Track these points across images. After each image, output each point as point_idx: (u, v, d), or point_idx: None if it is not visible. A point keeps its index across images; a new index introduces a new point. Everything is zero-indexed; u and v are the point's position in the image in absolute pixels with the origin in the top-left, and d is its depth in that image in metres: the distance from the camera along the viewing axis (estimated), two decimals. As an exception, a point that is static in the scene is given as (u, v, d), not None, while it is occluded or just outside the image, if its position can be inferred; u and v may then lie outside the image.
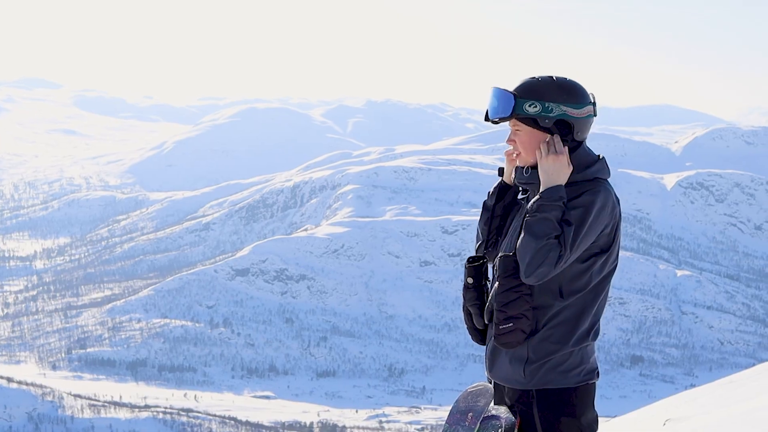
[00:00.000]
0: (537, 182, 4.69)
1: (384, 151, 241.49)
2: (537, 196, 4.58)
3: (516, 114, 4.63)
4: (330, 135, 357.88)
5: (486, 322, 4.83)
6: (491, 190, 4.95)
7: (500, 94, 4.64)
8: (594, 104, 4.71)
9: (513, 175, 4.86)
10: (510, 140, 4.77)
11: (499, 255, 4.68)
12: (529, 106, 4.60)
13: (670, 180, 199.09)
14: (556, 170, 4.59)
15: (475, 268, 4.94)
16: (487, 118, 4.79)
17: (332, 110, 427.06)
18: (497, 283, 4.66)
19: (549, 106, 4.59)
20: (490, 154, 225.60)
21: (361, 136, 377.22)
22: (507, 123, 4.75)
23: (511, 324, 4.59)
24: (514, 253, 4.64)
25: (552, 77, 4.66)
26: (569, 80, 4.67)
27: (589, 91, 4.72)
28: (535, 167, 4.71)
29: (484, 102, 4.77)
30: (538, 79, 4.65)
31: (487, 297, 4.93)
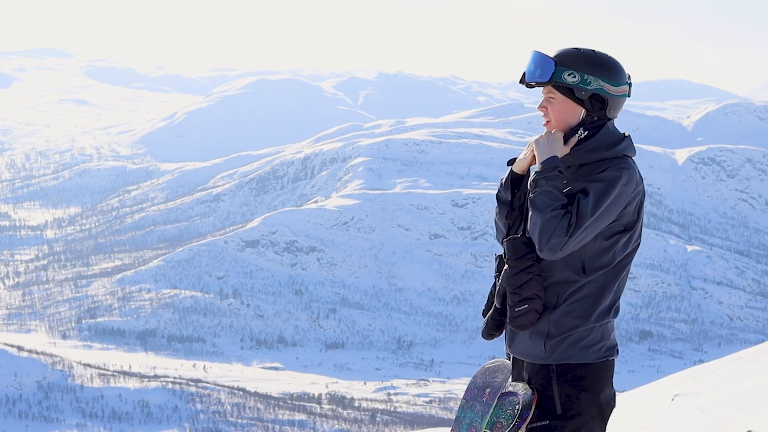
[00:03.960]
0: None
1: (395, 123, 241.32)
2: (534, 172, 4.58)
3: (554, 81, 4.59)
4: (341, 107, 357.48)
5: (498, 306, 4.79)
6: (503, 181, 4.87)
7: (541, 58, 4.62)
8: (630, 84, 4.68)
9: (526, 167, 4.81)
10: (542, 107, 4.71)
11: (507, 238, 4.65)
12: (568, 75, 4.56)
13: (681, 155, 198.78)
14: (549, 144, 4.59)
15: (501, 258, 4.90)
16: (522, 81, 4.74)
17: (343, 82, 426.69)
18: (507, 266, 4.63)
19: (587, 79, 4.56)
20: (501, 128, 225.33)
21: (372, 109, 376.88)
22: (541, 89, 4.73)
23: (526, 305, 4.56)
24: (522, 235, 4.65)
25: (594, 51, 4.64)
26: (610, 56, 4.65)
27: (626, 71, 4.70)
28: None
29: (496, 75, 4.74)
30: (580, 50, 4.62)
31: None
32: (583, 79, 4.56)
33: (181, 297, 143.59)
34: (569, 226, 4.39)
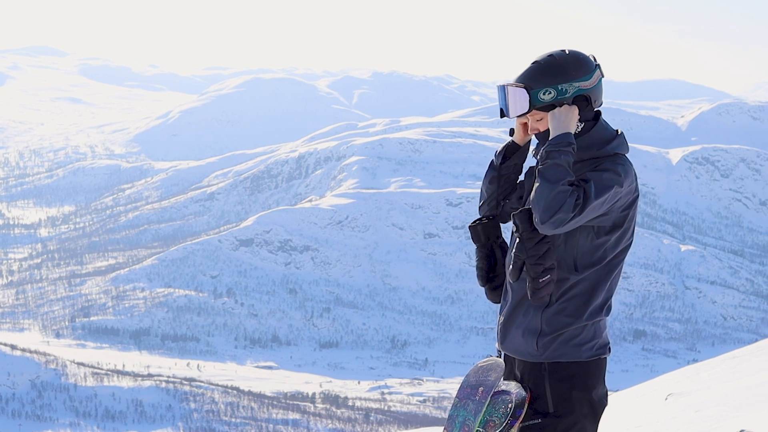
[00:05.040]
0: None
1: (389, 122, 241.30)
2: (546, 144, 4.51)
3: (533, 106, 4.56)
4: (335, 106, 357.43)
5: (513, 281, 4.70)
6: (498, 149, 4.89)
7: (512, 91, 4.55)
8: (599, 66, 4.64)
9: (525, 136, 4.82)
10: (534, 130, 4.67)
11: (519, 209, 4.57)
12: (544, 94, 4.51)
13: (675, 155, 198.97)
14: (566, 119, 4.53)
15: (485, 226, 4.87)
16: (503, 116, 4.71)
17: (338, 81, 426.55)
18: (523, 238, 4.53)
19: (563, 88, 4.52)
20: (495, 127, 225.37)
21: (367, 108, 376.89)
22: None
23: (549, 276, 4.51)
24: None
25: (552, 56, 4.56)
26: (570, 53, 4.58)
27: (588, 54, 4.65)
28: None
29: (490, 74, 4.69)
30: (540, 63, 4.55)
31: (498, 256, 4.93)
32: (559, 91, 4.52)
33: (175, 296, 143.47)
34: (576, 204, 4.33)
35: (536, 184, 4.41)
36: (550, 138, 4.52)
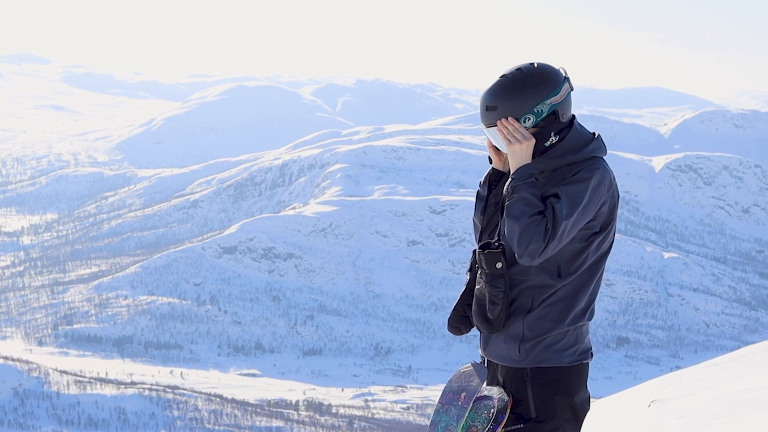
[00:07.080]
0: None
1: (373, 130, 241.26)
2: (509, 179, 4.53)
3: None
4: (319, 114, 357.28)
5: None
6: (482, 179, 4.89)
7: (495, 130, 4.61)
8: (567, 79, 4.63)
9: (502, 159, 4.81)
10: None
11: (485, 251, 4.61)
12: (525, 122, 4.54)
13: (658, 162, 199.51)
14: (525, 154, 4.53)
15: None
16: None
17: (322, 89, 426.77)
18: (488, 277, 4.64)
19: (537, 110, 4.53)
20: (479, 135, 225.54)
21: (351, 115, 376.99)
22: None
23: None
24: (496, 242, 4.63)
25: (520, 69, 4.54)
26: (539, 66, 4.57)
27: (558, 67, 4.65)
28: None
29: (474, 82, 4.69)
30: (508, 76, 4.53)
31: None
32: (537, 113, 4.54)
33: (158, 303, 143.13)
34: (546, 231, 4.37)
35: (506, 222, 4.47)
36: (511, 172, 4.55)
